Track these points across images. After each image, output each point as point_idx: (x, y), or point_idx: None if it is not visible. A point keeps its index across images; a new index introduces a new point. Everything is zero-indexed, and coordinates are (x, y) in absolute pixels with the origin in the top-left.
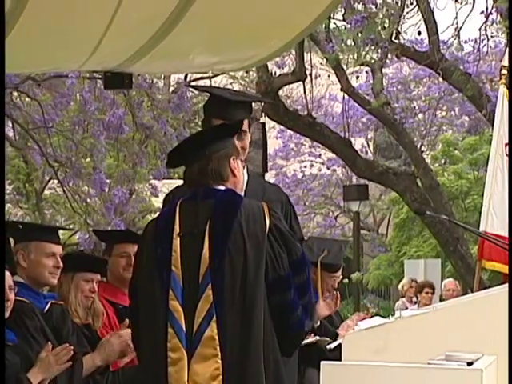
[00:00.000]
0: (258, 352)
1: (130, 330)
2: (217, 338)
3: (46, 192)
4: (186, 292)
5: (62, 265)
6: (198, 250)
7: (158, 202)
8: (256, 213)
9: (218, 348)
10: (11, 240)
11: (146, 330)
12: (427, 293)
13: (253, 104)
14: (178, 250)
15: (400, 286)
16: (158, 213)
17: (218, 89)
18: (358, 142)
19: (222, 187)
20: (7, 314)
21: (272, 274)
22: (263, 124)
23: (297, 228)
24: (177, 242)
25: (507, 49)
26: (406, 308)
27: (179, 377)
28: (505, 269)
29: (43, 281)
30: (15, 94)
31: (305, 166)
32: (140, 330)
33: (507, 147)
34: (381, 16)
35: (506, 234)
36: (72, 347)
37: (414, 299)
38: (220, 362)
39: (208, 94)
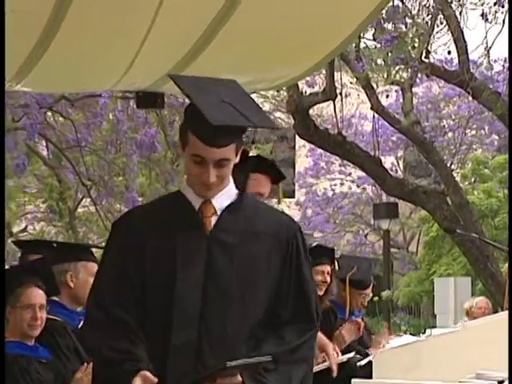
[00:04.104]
0: None
1: None
2: None
3: (79, 210)
4: None
5: None
6: None
7: None
8: None
9: None
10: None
11: None
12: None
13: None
14: None
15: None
16: None
17: (205, 92)
18: (387, 161)
19: None
20: (38, 332)
21: None
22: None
23: (305, 268)
24: None
25: None
26: None
27: None
28: None
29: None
30: (49, 113)
31: (335, 184)
32: None
33: None
34: (411, 35)
35: None
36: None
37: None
38: None
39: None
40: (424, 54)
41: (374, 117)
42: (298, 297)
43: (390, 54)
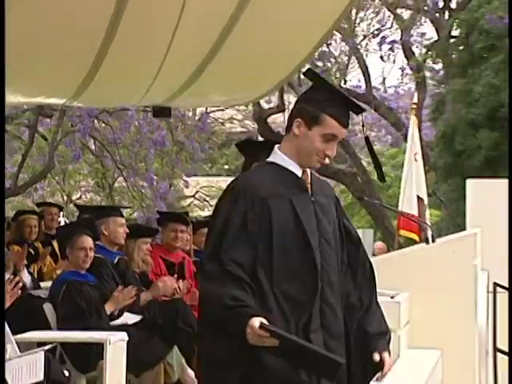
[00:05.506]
0: None
1: (171, 278)
2: None
3: (116, 185)
4: None
5: (128, 231)
6: None
7: (187, 192)
8: None
9: None
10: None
11: None
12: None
13: None
14: None
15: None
16: (187, 199)
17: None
18: None
19: None
20: (88, 266)
21: None
22: (367, 137)
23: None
24: None
25: (416, 92)
26: None
27: None
28: (412, 235)
29: (117, 241)
30: (95, 121)
31: None
32: None
33: (416, 155)
34: (334, 70)
35: (413, 212)
36: (134, 289)
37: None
38: None
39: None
40: (343, 82)
41: None
42: (349, 244)
43: None
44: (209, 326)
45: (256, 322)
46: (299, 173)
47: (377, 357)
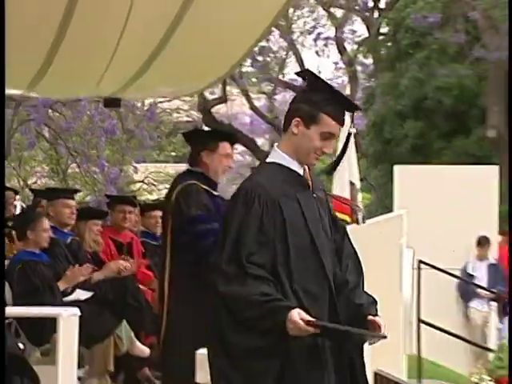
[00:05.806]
0: None
1: (125, 262)
2: None
3: (69, 171)
4: None
5: (75, 212)
6: None
7: (137, 177)
8: None
9: None
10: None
11: None
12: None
13: None
14: None
15: None
16: (136, 184)
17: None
18: (259, 141)
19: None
20: (47, 245)
21: None
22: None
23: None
24: None
25: (349, 85)
26: None
27: None
28: (344, 217)
29: (64, 221)
30: (50, 110)
31: None
32: None
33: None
34: (273, 64)
35: (345, 195)
36: (90, 267)
37: None
38: None
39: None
40: (281, 76)
41: (251, 113)
42: (336, 234)
43: (260, 75)
44: (237, 326)
45: (295, 314)
46: (301, 171)
47: (372, 318)
